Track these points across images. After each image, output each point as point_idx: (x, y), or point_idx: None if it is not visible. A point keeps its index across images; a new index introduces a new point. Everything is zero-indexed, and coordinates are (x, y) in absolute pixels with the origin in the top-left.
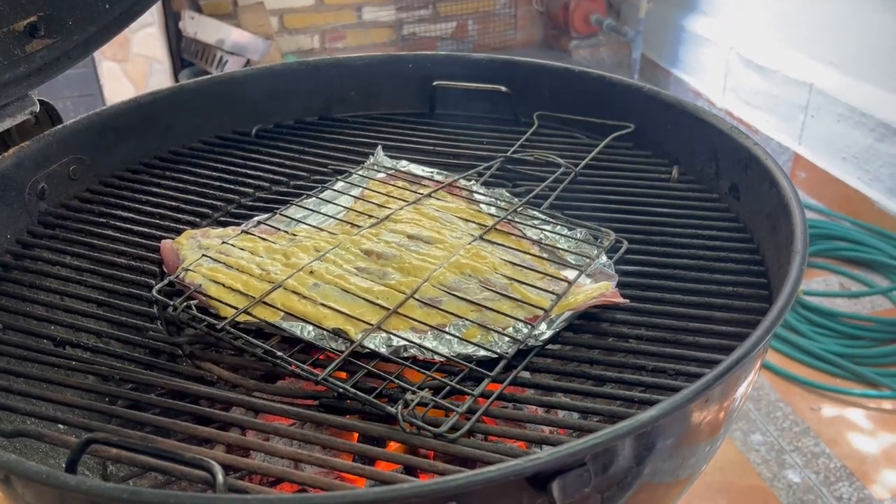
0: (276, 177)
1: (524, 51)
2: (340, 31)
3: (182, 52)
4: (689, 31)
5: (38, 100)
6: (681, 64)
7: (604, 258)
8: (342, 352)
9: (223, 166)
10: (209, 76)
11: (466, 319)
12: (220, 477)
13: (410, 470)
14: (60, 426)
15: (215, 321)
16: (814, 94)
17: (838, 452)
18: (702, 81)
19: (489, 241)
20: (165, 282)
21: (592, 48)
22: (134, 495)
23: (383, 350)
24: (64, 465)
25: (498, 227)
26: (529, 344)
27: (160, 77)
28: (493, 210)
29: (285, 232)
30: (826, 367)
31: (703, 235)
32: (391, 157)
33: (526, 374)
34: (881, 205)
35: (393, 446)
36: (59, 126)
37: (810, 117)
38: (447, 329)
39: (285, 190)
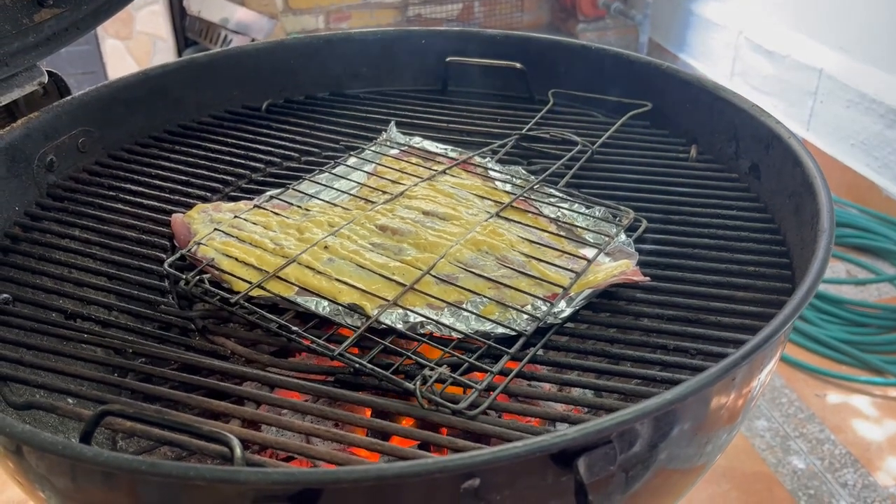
0: (287, 152)
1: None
2: (345, 12)
3: (186, 30)
4: (697, 15)
5: (47, 71)
6: (688, 48)
7: (623, 237)
8: (357, 327)
9: (233, 141)
10: (219, 50)
11: (484, 296)
12: (238, 451)
13: (424, 446)
14: (70, 399)
15: (228, 295)
16: (823, 79)
17: (843, 439)
18: (710, 66)
19: (506, 219)
20: (177, 255)
21: (599, 31)
22: (153, 467)
23: (399, 326)
24: (78, 438)
25: (514, 204)
26: (548, 322)
27: (164, 55)
28: (508, 187)
29: (298, 207)
30: (832, 353)
31: (722, 215)
32: (404, 133)
33: (544, 352)
34: (889, 192)
35: (406, 422)
36: (68, 98)
37: (819, 103)
38: (464, 306)
39: (296, 165)
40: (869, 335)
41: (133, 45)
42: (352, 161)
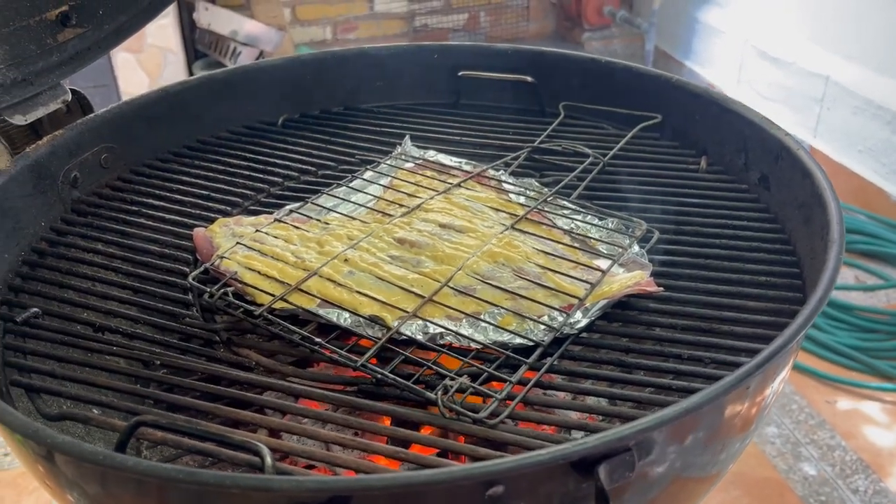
0: (303, 166)
1: (536, 42)
2: (352, 23)
3: (196, 42)
4: (702, 23)
5: (70, 89)
6: (694, 56)
7: (636, 248)
8: (378, 339)
9: (251, 155)
10: (236, 66)
11: (501, 307)
12: (268, 459)
13: (442, 454)
14: (96, 409)
15: (252, 307)
16: (830, 86)
17: (854, 445)
18: (716, 73)
19: (520, 231)
20: (201, 269)
21: (605, 40)
22: (191, 476)
23: (420, 337)
24: (102, 445)
25: (528, 216)
26: (565, 332)
27: (174, 68)
28: (522, 200)
29: (317, 220)
30: (841, 360)
31: (733, 226)
32: (418, 146)
33: (559, 362)
34: None
35: (424, 431)
36: (91, 115)
37: (826, 110)
38: (482, 317)
39: (313, 179)
40: (878, 341)
41: (144, 58)
42: (368, 175)
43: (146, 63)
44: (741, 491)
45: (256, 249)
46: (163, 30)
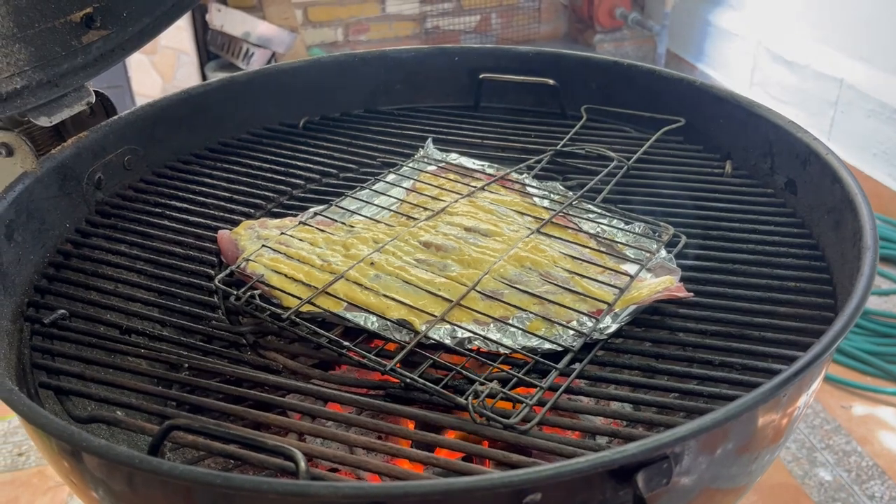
0: (325, 168)
1: (548, 44)
2: (364, 24)
3: (208, 44)
4: (715, 26)
5: (94, 91)
6: (706, 59)
7: (664, 252)
8: (406, 343)
9: (273, 158)
10: (257, 69)
11: (529, 312)
12: (302, 465)
13: (467, 458)
14: (119, 412)
15: (280, 311)
16: (844, 89)
17: (870, 451)
18: (728, 76)
19: (546, 235)
20: (227, 272)
21: (617, 42)
22: (228, 481)
23: (448, 341)
24: (127, 446)
25: (554, 220)
26: (594, 337)
27: (187, 69)
28: (546, 203)
29: (342, 223)
30: (857, 365)
31: (760, 230)
32: (439, 149)
33: (590, 367)
34: None
35: (449, 435)
36: (115, 117)
37: (840, 113)
38: (510, 321)
39: (335, 182)
40: (894, 346)
41: (157, 60)
42: (390, 177)
43: (160, 64)
44: (757, 496)
45: (282, 252)
46: (177, 32)
